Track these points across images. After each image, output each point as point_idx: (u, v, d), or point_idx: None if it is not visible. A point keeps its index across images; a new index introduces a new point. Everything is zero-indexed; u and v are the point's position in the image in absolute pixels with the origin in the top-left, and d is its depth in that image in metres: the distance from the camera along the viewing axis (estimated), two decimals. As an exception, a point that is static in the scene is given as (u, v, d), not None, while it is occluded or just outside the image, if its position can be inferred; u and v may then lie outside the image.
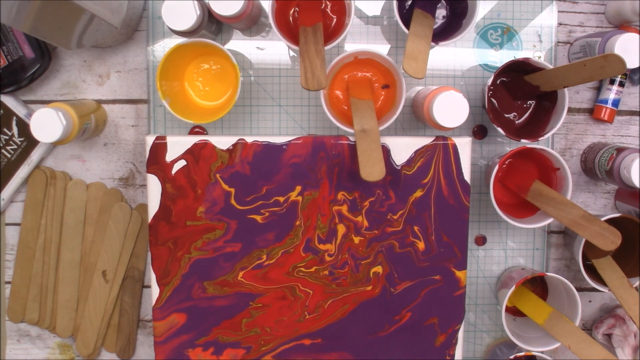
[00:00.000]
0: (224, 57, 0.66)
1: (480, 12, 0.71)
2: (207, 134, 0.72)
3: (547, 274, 0.66)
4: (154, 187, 0.61)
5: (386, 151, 0.61)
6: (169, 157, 0.61)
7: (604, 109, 0.72)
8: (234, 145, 0.61)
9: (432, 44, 0.61)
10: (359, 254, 0.63)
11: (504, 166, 0.69)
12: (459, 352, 0.64)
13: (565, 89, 0.63)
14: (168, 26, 0.61)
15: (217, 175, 0.61)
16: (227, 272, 0.62)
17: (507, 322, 0.69)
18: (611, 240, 0.59)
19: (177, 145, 0.61)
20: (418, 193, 0.62)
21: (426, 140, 0.61)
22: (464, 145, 0.62)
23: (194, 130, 0.71)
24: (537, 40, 0.71)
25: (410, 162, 0.61)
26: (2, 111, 0.70)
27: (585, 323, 0.76)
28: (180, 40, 0.64)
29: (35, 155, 0.71)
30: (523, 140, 0.65)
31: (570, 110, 0.73)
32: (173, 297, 0.63)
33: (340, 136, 0.61)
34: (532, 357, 0.69)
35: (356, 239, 0.62)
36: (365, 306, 0.63)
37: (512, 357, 0.68)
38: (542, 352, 0.69)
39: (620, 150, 0.65)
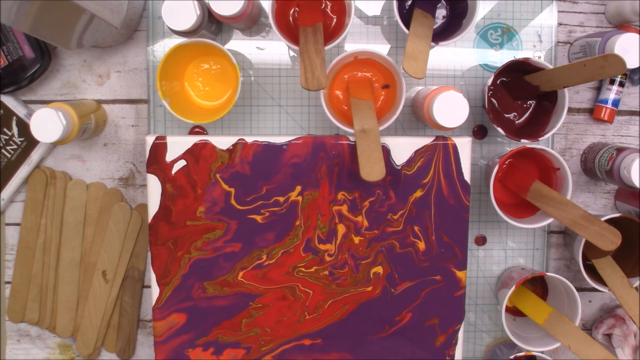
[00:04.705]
0: (224, 57, 0.66)
1: (480, 12, 0.71)
2: (207, 134, 0.72)
3: (547, 274, 0.66)
4: (154, 187, 0.61)
5: (386, 151, 0.61)
6: (169, 157, 0.61)
7: (604, 109, 0.72)
8: (234, 145, 0.61)
9: (432, 44, 0.61)
10: (359, 254, 0.63)
11: (504, 166, 0.69)
12: (459, 352, 0.64)
13: (565, 89, 0.63)
14: (168, 26, 0.61)
15: (217, 175, 0.61)
16: (227, 272, 0.62)
17: (507, 322, 0.69)
18: (611, 240, 0.59)
19: (177, 145, 0.61)
20: (418, 193, 0.62)
21: (426, 140, 0.61)
22: (464, 145, 0.62)
23: (194, 130, 0.71)
24: (537, 40, 0.71)
25: (410, 162, 0.61)
26: (2, 111, 0.70)
27: (585, 323, 0.76)
28: (180, 40, 0.64)
29: (35, 155, 0.71)
30: (523, 140, 0.65)
31: (570, 110, 0.73)
32: (173, 297, 0.63)
33: (340, 136, 0.61)
34: (532, 357, 0.69)
35: (356, 239, 0.62)
36: (366, 307, 0.63)
37: (512, 357, 0.68)
38: (542, 352, 0.69)
39: (620, 150, 0.65)
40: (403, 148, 0.61)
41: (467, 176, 0.62)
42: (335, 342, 0.64)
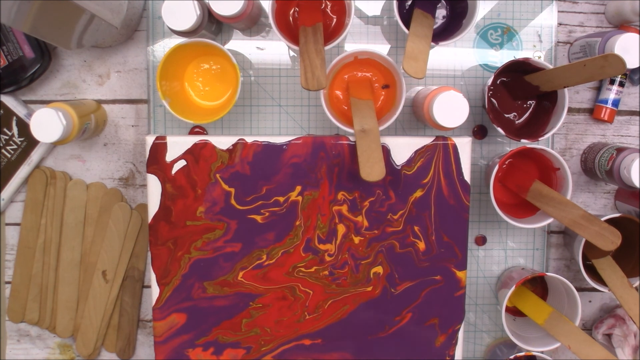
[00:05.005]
0: (224, 57, 0.66)
1: (480, 12, 0.71)
2: (207, 134, 0.72)
3: (547, 274, 0.66)
4: (154, 187, 0.61)
5: (386, 151, 0.61)
6: (169, 157, 0.61)
7: (604, 109, 0.72)
8: (234, 145, 0.61)
9: (432, 44, 0.61)
10: (359, 254, 0.63)
11: (504, 166, 0.69)
12: (459, 352, 0.64)
13: (565, 89, 0.63)
14: (168, 26, 0.61)
15: (217, 175, 0.61)
16: (227, 272, 0.62)
17: (507, 322, 0.69)
18: (611, 240, 0.59)
19: (177, 145, 0.61)
20: (418, 193, 0.62)
21: (426, 140, 0.61)
22: (464, 145, 0.62)
23: (194, 130, 0.71)
24: (537, 40, 0.71)
25: (410, 162, 0.61)
26: (2, 111, 0.70)
27: (585, 323, 0.76)
28: (180, 40, 0.64)
29: (35, 155, 0.71)
30: (523, 140, 0.65)
31: (570, 110, 0.73)
32: (173, 297, 0.63)
33: (340, 136, 0.61)
34: (532, 357, 0.69)
35: (356, 239, 0.62)
36: (366, 307, 0.63)
37: (512, 357, 0.68)
38: (542, 352, 0.69)
39: (620, 150, 0.65)
40: (403, 148, 0.61)
41: (467, 176, 0.62)
42: (335, 342, 0.64)
